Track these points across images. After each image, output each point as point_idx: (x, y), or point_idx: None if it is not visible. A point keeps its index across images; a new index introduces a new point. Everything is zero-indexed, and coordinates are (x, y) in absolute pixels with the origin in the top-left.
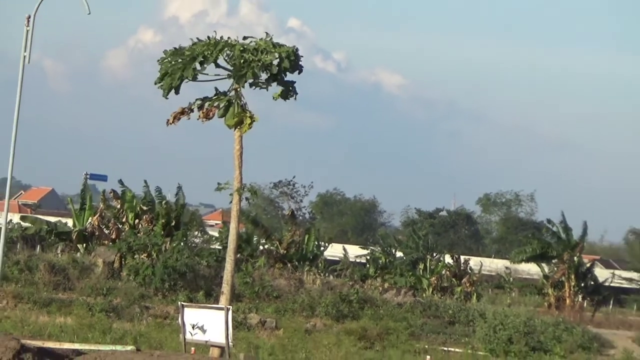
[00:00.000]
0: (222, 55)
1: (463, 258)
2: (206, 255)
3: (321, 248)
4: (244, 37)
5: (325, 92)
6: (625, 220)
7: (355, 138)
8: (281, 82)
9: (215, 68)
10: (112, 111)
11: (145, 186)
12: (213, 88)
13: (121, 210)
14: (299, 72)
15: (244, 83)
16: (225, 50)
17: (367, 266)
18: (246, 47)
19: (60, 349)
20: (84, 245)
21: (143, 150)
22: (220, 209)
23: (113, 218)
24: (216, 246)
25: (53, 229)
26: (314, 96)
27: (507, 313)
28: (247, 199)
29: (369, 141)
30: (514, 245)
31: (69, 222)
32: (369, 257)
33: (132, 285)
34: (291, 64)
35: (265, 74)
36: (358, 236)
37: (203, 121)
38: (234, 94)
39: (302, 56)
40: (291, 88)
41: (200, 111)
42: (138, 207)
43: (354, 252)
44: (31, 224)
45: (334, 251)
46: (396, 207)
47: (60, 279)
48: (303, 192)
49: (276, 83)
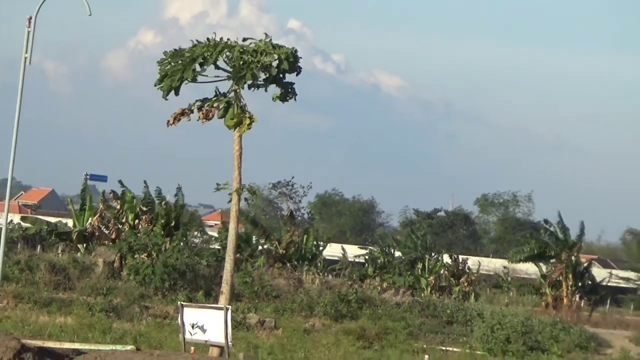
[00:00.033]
0: (222, 56)
1: (461, 258)
2: (206, 255)
3: (320, 248)
4: (244, 39)
5: (324, 93)
6: (622, 220)
7: (354, 139)
8: (280, 84)
9: (214, 69)
10: (112, 112)
11: (145, 187)
12: (213, 89)
13: (121, 210)
14: (297, 74)
15: (244, 84)
16: (224, 51)
17: (366, 266)
18: (245, 49)
19: (60, 349)
20: (84, 245)
21: (143, 150)
22: (219, 210)
23: (113, 218)
24: (215, 246)
25: (53, 229)
26: (314, 97)
27: (505, 312)
28: (246, 200)
29: (368, 142)
30: (512, 245)
31: (69, 223)
32: (368, 257)
33: (132, 285)
34: (290, 66)
35: (264, 75)
36: (357, 236)
37: (203, 122)
38: (234, 95)
39: (301, 57)
40: (290, 89)
41: (200, 112)
42: (138, 208)
43: (353, 252)
44: (32, 225)
45: (333, 251)
46: (394, 208)
47: (60, 279)
48: (302, 193)
49: (275, 85)
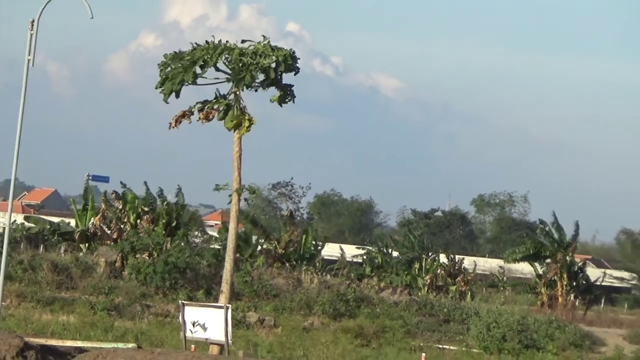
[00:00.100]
0: (222, 59)
1: (458, 257)
2: (206, 254)
3: (318, 248)
4: (243, 41)
5: (323, 95)
6: (616, 220)
7: (353, 140)
8: (279, 86)
9: (214, 72)
10: (114, 113)
11: (146, 187)
12: (213, 91)
13: (123, 210)
14: (296, 73)
15: (243, 86)
16: (224, 54)
17: (364, 265)
18: (245, 51)
19: (62, 347)
20: (87, 245)
21: (144, 151)
22: (219, 210)
23: (115, 218)
24: (216, 246)
25: (56, 229)
26: (313, 99)
27: (501, 311)
28: (246, 200)
29: (367, 143)
30: (508, 245)
31: (72, 223)
32: (366, 257)
33: (134, 284)
34: (287, 67)
35: (263, 76)
36: (355, 236)
37: (203, 122)
38: (233, 97)
39: (299, 58)
40: (289, 92)
41: (200, 113)
42: (139, 208)
43: (351, 252)
44: (34, 224)
45: (331, 251)
46: (392, 208)
47: (63, 278)
48: (301, 193)
49: (274, 87)
